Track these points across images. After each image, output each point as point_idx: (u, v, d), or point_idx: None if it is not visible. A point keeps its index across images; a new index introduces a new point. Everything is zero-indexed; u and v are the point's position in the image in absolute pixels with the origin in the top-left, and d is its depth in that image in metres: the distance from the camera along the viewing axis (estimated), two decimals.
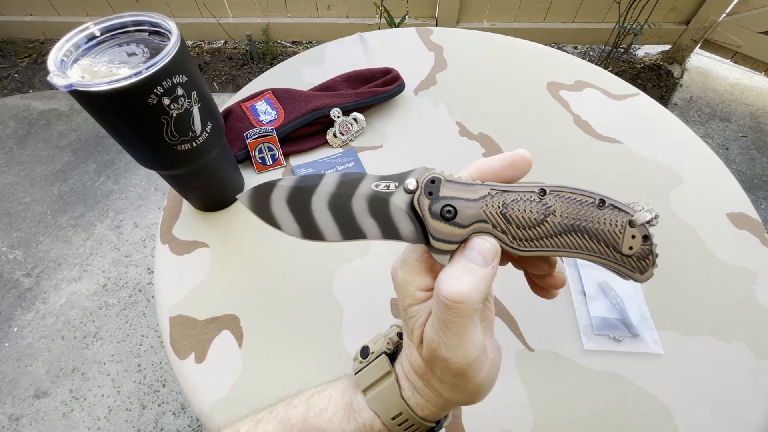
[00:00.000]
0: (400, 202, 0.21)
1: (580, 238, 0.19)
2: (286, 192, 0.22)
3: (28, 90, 1.70)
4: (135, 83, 0.31)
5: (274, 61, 1.77)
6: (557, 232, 0.19)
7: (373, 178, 0.22)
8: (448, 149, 0.56)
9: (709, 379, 0.39)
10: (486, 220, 0.20)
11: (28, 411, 0.99)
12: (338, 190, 0.22)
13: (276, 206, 0.22)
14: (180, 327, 0.42)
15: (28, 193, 1.37)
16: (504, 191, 0.20)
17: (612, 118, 0.60)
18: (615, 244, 0.19)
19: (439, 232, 0.20)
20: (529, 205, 0.19)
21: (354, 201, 0.22)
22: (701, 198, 0.51)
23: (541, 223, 0.19)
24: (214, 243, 0.48)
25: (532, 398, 0.38)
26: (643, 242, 0.18)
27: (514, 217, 0.20)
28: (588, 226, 0.19)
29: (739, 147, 1.50)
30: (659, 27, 1.68)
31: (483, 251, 0.20)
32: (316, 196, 0.22)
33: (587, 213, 0.19)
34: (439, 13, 1.67)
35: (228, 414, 0.37)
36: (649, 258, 0.19)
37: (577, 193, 0.19)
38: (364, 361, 0.26)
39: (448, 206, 0.20)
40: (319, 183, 0.22)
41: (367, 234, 0.22)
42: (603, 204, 0.19)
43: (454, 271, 0.19)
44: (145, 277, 1.19)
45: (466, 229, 0.20)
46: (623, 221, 0.19)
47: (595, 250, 0.19)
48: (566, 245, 0.19)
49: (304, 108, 0.56)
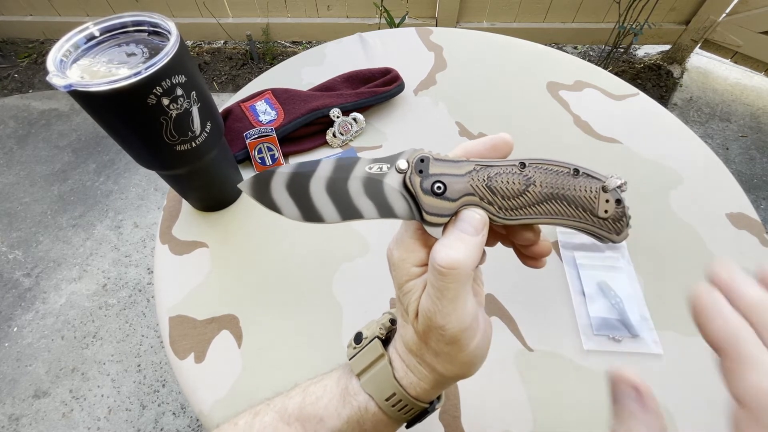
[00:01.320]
0: (393, 182, 0.22)
1: (560, 204, 0.21)
2: (285, 178, 0.23)
3: (28, 90, 1.70)
4: (134, 83, 0.31)
5: (274, 61, 1.77)
6: (538, 200, 0.21)
7: (366, 161, 0.23)
8: (448, 149, 0.56)
9: (709, 379, 0.39)
10: (473, 192, 0.21)
11: (28, 411, 0.99)
12: (334, 174, 0.23)
13: (276, 192, 0.23)
14: (180, 327, 0.42)
15: (28, 193, 1.37)
16: (487, 166, 0.22)
17: (612, 118, 0.60)
18: (591, 208, 0.21)
19: (431, 206, 0.22)
20: (511, 176, 0.21)
21: (350, 183, 0.23)
22: (701, 198, 0.51)
23: (524, 193, 0.21)
24: (213, 243, 0.48)
25: (531, 398, 0.38)
26: (617, 205, 0.20)
27: (499, 188, 0.21)
28: (566, 193, 0.21)
29: (739, 147, 1.50)
30: (659, 27, 1.68)
31: (472, 221, 0.21)
32: (313, 180, 0.23)
33: (564, 181, 0.21)
34: (439, 13, 1.67)
35: (228, 414, 0.37)
36: (623, 219, 0.21)
37: (553, 164, 0.21)
38: (358, 346, 0.27)
39: (437, 182, 0.21)
40: (316, 168, 0.23)
41: (363, 214, 0.23)
42: (577, 173, 0.21)
43: (447, 241, 0.21)
44: (145, 277, 1.19)
45: (456, 203, 0.22)
46: (597, 187, 0.21)
47: (574, 215, 0.21)
48: (547, 212, 0.21)
49: (304, 108, 0.56)
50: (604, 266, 0.46)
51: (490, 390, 0.38)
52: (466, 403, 0.38)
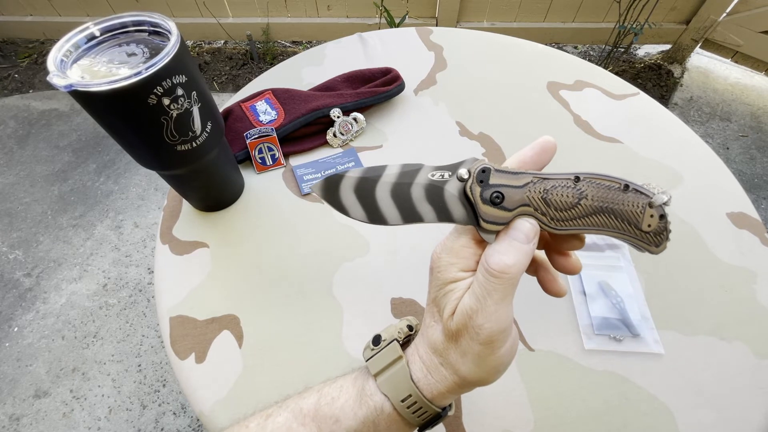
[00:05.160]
0: (454, 190, 0.24)
1: (607, 217, 0.22)
2: (354, 182, 0.26)
3: (28, 90, 1.70)
4: (135, 83, 0.31)
5: (274, 61, 1.77)
6: (588, 213, 0.22)
7: (429, 168, 0.25)
8: (448, 149, 0.56)
9: (710, 378, 0.39)
10: (529, 203, 0.23)
11: (28, 411, 0.99)
12: (399, 180, 0.25)
13: (345, 195, 0.26)
14: (180, 327, 0.42)
15: (28, 193, 1.37)
16: (544, 178, 0.22)
17: (612, 118, 0.59)
18: (636, 222, 0.21)
19: (488, 215, 0.23)
20: (566, 190, 0.22)
21: (413, 189, 0.25)
22: (701, 198, 0.51)
23: (575, 206, 0.22)
24: (214, 243, 0.48)
25: (532, 398, 0.38)
26: (660, 220, 0.21)
27: (553, 200, 0.22)
28: (614, 207, 0.22)
29: (739, 146, 1.50)
30: (659, 27, 1.68)
31: (525, 230, 0.22)
32: (379, 185, 0.25)
33: (614, 196, 0.22)
34: (439, 13, 1.67)
35: (228, 414, 0.37)
36: (663, 233, 0.21)
37: (605, 179, 0.22)
38: (376, 348, 0.27)
39: (496, 192, 0.23)
40: (382, 173, 0.25)
41: (424, 217, 0.25)
42: (627, 188, 0.21)
43: (501, 248, 0.22)
44: (145, 277, 1.19)
45: (512, 212, 0.23)
46: (644, 203, 0.21)
47: (619, 228, 0.22)
48: (595, 224, 0.22)
49: (304, 108, 0.56)
50: (604, 266, 0.46)
51: (491, 389, 0.38)
52: (467, 402, 0.38)
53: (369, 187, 0.25)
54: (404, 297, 0.44)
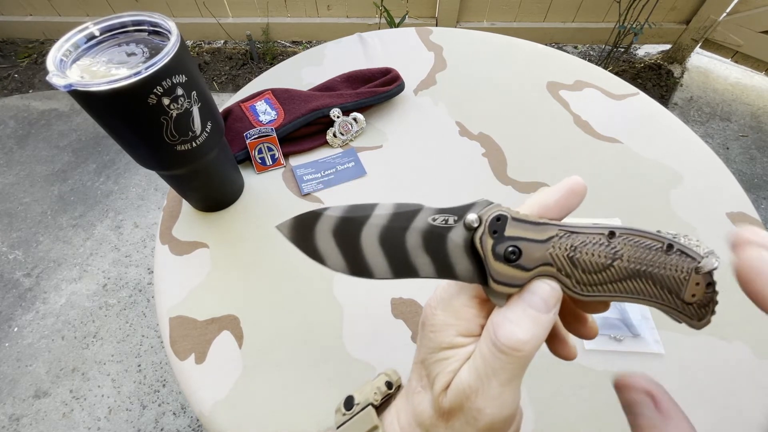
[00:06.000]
0: (459, 239, 0.19)
1: (644, 283, 0.18)
2: (333, 223, 0.20)
3: (28, 90, 1.70)
4: (134, 83, 0.31)
5: (274, 61, 1.77)
6: (622, 277, 0.18)
7: (430, 210, 0.20)
8: (448, 149, 0.56)
9: (710, 378, 0.39)
10: (552, 263, 0.18)
11: (28, 411, 0.99)
12: (391, 223, 0.20)
13: (321, 239, 0.20)
14: (180, 327, 0.42)
15: (28, 193, 1.37)
16: (573, 232, 0.18)
17: (612, 118, 0.59)
18: (678, 290, 0.18)
19: (500, 274, 0.19)
20: (597, 248, 0.18)
21: (408, 235, 0.20)
22: (701, 198, 0.51)
23: (608, 268, 0.18)
24: (213, 243, 0.48)
25: (533, 398, 0.38)
26: (707, 289, 0.18)
27: (582, 261, 0.18)
28: (653, 271, 0.18)
29: (739, 146, 1.50)
30: (659, 26, 1.68)
31: (545, 296, 0.18)
32: (366, 228, 0.20)
33: (654, 258, 0.18)
34: (439, 13, 1.67)
35: (228, 415, 0.37)
36: (709, 305, 0.18)
37: (645, 236, 0.18)
38: (348, 413, 0.23)
39: (513, 247, 0.18)
40: (371, 214, 0.20)
41: (419, 272, 0.20)
42: (671, 249, 0.18)
43: (513, 316, 0.18)
44: (145, 277, 1.19)
45: (530, 272, 0.19)
46: (689, 268, 0.17)
47: (657, 296, 0.18)
48: (628, 290, 0.18)
49: (304, 108, 0.56)
50: None
51: None
52: None
53: (353, 230, 0.20)
54: (404, 297, 0.44)
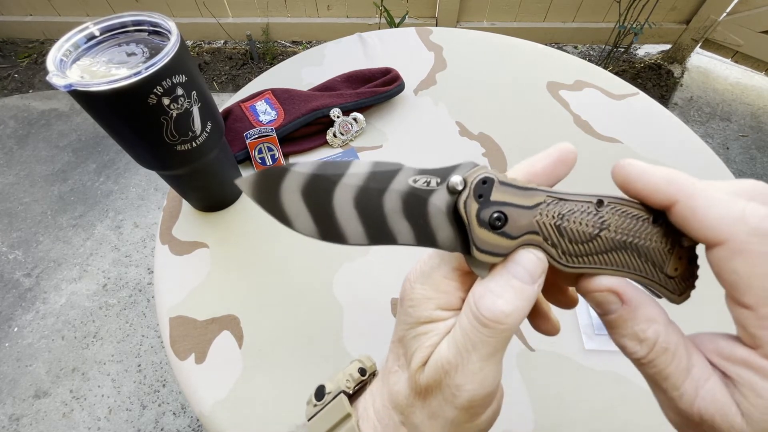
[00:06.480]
0: (441, 203, 0.18)
1: (629, 255, 0.17)
2: (303, 180, 0.18)
3: (28, 90, 1.70)
4: (134, 83, 0.31)
5: (274, 61, 1.77)
6: (607, 248, 0.17)
7: (411, 171, 0.18)
8: (448, 149, 0.56)
9: None
10: (538, 231, 0.17)
11: (28, 411, 0.99)
12: (368, 183, 0.18)
13: (287, 197, 0.18)
14: (180, 327, 0.42)
15: (28, 193, 1.37)
16: (561, 199, 0.17)
17: (612, 118, 0.59)
18: (661, 264, 0.17)
19: (484, 242, 0.17)
20: (585, 216, 0.17)
21: (386, 198, 0.18)
22: None
23: (595, 238, 0.17)
24: (213, 243, 0.48)
25: (533, 398, 0.38)
26: (689, 264, 0.17)
27: (569, 229, 0.17)
28: (639, 243, 0.17)
29: (739, 146, 1.50)
30: (659, 26, 1.68)
31: (530, 267, 0.17)
32: (339, 188, 0.18)
33: (641, 229, 0.17)
34: (439, 13, 1.67)
35: (228, 415, 0.37)
36: (690, 280, 0.18)
37: (633, 206, 0.17)
38: (319, 403, 0.22)
39: (499, 213, 0.17)
40: (345, 172, 0.18)
41: (397, 238, 0.18)
42: (657, 220, 0.17)
43: (495, 287, 0.17)
44: (145, 277, 1.19)
45: (515, 241, 0.17)
46: (673, 241, 0.17)
47: (640, 269, 0.18)
48: (613, 262, 0.17)
49: (304, 108, 0.56)
50: None
51: None
52: None
53: (324, 189, 0.18)
54: None
